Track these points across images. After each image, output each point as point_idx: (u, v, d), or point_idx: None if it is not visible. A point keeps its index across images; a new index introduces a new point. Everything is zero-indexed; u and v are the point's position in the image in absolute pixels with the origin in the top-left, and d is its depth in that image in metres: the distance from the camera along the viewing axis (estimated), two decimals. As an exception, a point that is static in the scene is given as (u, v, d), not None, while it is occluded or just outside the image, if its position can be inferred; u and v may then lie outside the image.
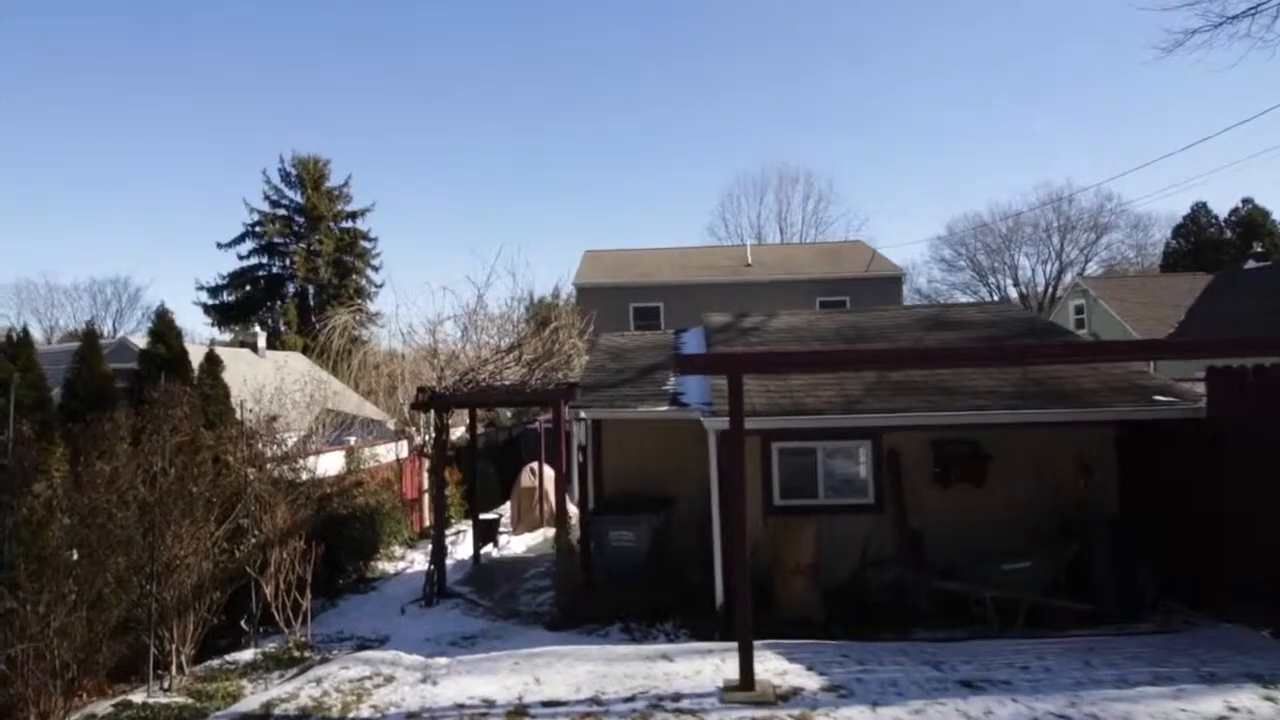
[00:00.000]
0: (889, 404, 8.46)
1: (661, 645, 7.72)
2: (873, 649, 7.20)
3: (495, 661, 7.19)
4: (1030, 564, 8.01)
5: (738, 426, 5.40)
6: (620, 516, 9.56)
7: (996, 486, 9.12)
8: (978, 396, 8.56)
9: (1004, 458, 9.17)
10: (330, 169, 43.20)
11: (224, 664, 7.48)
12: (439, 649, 8.25)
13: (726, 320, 12.06)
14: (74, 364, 8.36)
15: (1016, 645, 7.20)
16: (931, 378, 9.12)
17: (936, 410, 8.25)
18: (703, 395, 9.27)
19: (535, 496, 15.99)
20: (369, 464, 14.40)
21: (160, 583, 6.58)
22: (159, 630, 6.64)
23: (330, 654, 7.85)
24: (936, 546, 9.04)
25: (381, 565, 12.99)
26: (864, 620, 8.44)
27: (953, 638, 7.77)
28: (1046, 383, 8.76)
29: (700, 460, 10.25)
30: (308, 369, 21.24)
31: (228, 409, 10.01)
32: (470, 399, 11.48)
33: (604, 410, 9.15)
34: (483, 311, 12.35)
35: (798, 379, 8.97)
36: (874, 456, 9.36)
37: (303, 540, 8.15)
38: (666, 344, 11.92)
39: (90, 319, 8.97)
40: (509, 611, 10.04)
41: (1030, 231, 50.80)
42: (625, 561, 9.46)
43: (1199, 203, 47.24)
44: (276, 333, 38.05)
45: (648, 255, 31.49)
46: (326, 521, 11.20)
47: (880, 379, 9.07)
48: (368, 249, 43.96)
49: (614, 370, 10.75)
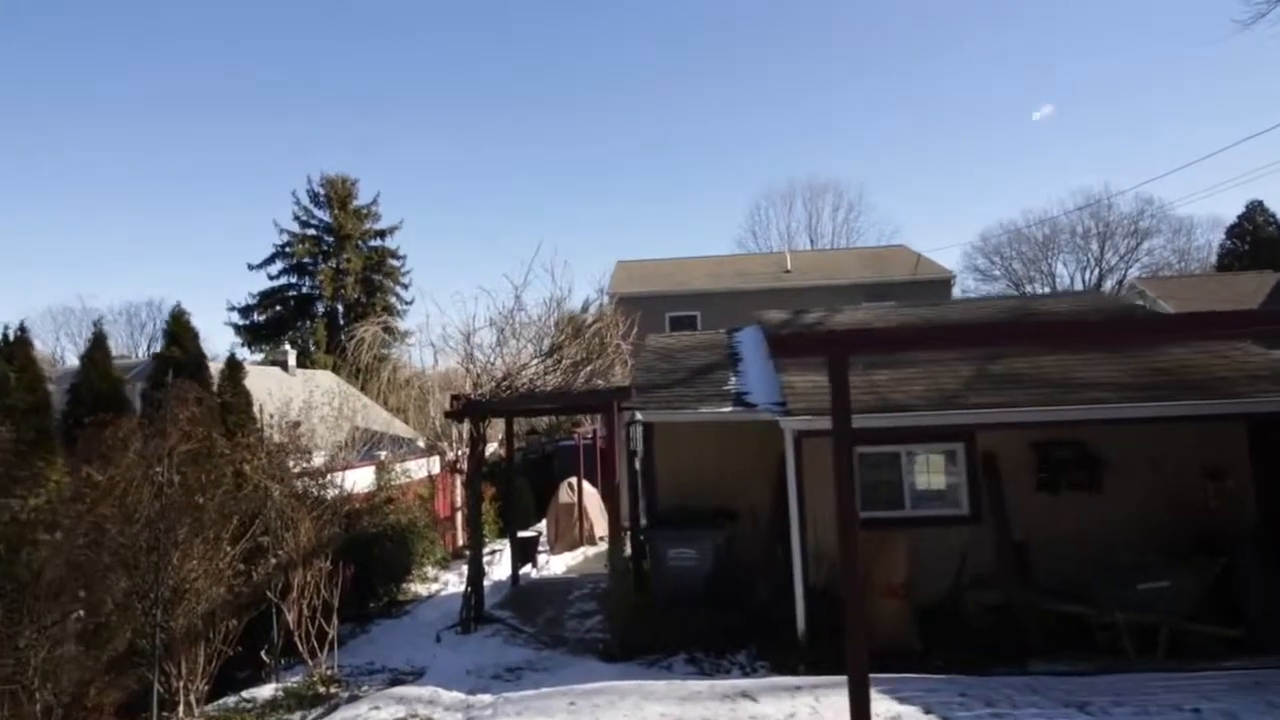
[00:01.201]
0: (991, 399, 7.37)
1: (738, 680, 6.66)
2: (994, 685, 6.08)
3: (547, 700, 6.20)
4: (1169, 583, 6.83)
5: (843, 424, 4.40)
6: (679, 532, 8.54)
7: (1113, 494, 7.95)
8: (1092, 389, 7.44)
9: (1120, 460, 8.00)
10: (358, 188, 43.13)
11: (240, 702, 6.58)
12: (481, 683, 7.28)
13: (784, 317, 11.07)
14: (81, 367, 7.62)
15: (1167, 681, 6.03)
16: (1035, 370, 8.02)
17: (1049, 405, 7.13)
18: (771, 394, 8.27)
19: (574, 514, 15.03)
20: (400, 480, 13.57)
21: (167, 610, 5.71)
22: (165, 665, 5.76)
23: (360, 690, 6.91)
24: (1044, 563, 7.88)
25: (414, 587, 12.12)
26: (965, 648, 7.32)
27: (1081, 670, 6.61)
28: (1175, 372, 7.61)
29: (764, 468, 9.26)
30: (335, 384, 20.61)
31: (249, 419, 9.23)
32: (509, 406, 10.58)
33: (660, 413, 8.19)
34: (520, 314, 11.45)
35: (881, 372, 7.93)
36: (968, 460, 8.25)
37: (328, 560, 7.26)
38: (720, 344, 10.94)
39: (98, 324, 8.35)
40: (555, 639, 9.04)
41: (1068, 239, 49.18)
42: (685, 583, 8.42)
43: (1254, 201, 45.09)
44: (306, 352, 37.77)
45: (681, 264, 30.58)
46: (355, 541, 10.38)
47: (977, 371, 8.00)
48: (396, 267, 43.67)
49: (665, 371, 9.78)
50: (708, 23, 76.79)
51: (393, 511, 12.08)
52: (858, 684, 4.71)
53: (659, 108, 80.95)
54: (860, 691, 4.69)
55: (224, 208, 78.26)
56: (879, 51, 75.48)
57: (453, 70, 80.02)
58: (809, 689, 6.13)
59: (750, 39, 76.75)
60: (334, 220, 41.98)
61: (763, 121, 78.98)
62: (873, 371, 8.05)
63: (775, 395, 8.19)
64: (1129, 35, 65.72)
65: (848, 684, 4.78)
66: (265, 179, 79.14)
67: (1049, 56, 70.39)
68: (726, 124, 79.37)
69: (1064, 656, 7.13)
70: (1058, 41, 69.21)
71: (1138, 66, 66.81)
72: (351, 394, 17.99)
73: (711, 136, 79.17)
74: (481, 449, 10.62)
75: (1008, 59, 71.57)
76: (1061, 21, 67.28)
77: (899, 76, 74.65)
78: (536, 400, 10.23)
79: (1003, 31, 69.79)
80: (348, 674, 7.55)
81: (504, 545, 13.77)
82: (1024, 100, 73.66)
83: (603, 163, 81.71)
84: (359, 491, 12.11)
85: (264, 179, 78.67)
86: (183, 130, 73.42)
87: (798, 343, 4.64)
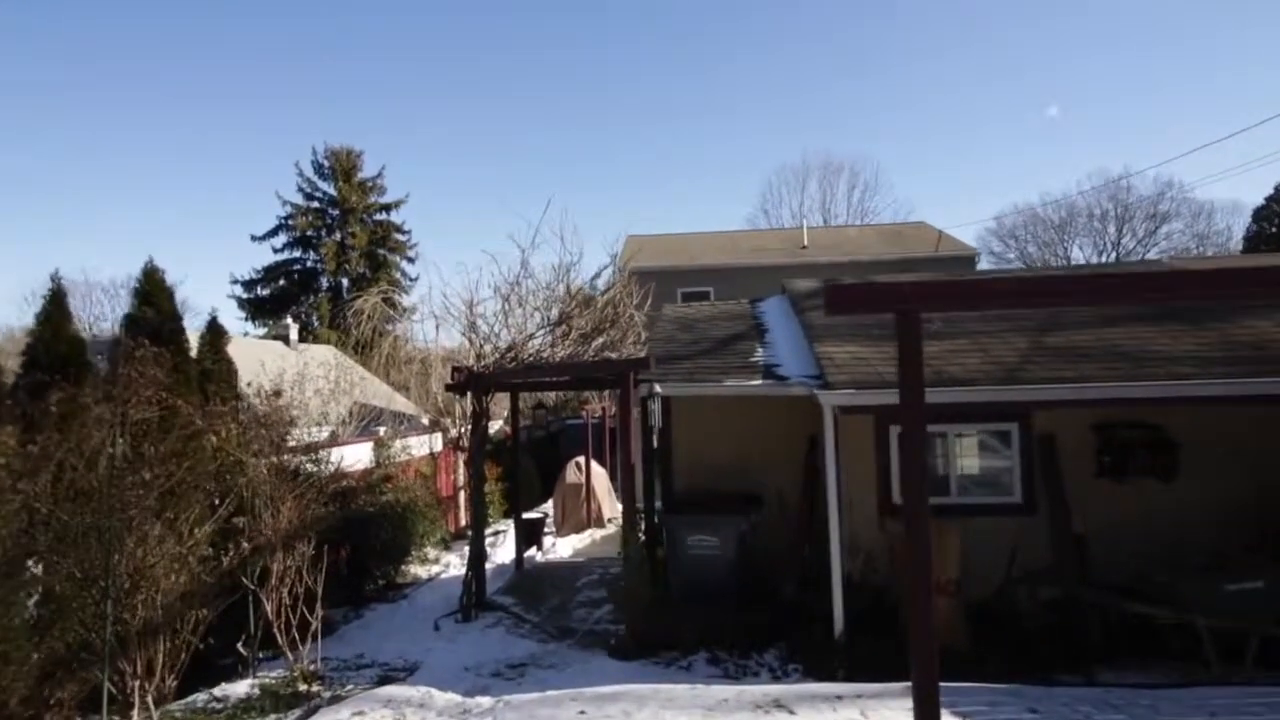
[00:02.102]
0: (1056, 372, 6.52)
1: (768, 686, 5.90)
2: (1064, 698, 5.31)
3: (555, 707, 5.46)
4: (1263, 584, 6.01)
5: (915, 395, 3.56)
6: (700, 517, 7.77)
7: (1188, 482, 7.11)
8: (1168, 363, 6.58)
9: (1196, 445, 7.16)
10: (363, 160, 42.13)
11: (210, 701, 5.88)
12: (480, 682, 6.56)
13: (814, 286, 10.21)
14: (37, 327, 6.84)
15: (1268, 697, 5.24)
16: (1098, 342, 7.17)
17: (1128, 380, 6.28)
18: (805, 366, 7.45)
19: (582, 494, 14.32)
20: (400, 458, 12.86)
21: (120, 600, 4.98)
22: (118, 662, 5.04)
23: (344, 689, 6.20)
24: (1104, 557, 7.09)
25: (413, 569, 11.46)
26: (1020, 650, 6.54)
27: (1158, 683, 5.83)
28: (1261, 345, 6.75)
29: (792, 449, 8.47)
30: (331, 356, 19.87)
31: (232, 388, 8.47)
32: (514, 378, 9.79)
33: (682, 385, 7.39)
34: (526, 281, 10.62)
35: (930, 343, 7.07)
36: (1022, 443, 7.42)
37: (311, 545, 6.52)
38: (742, 314, 10.11)
39: (55, 278, 7.54)
40: (561, 630, 8.33)
41: (1085, 221, 47.80)
42: (705, 573, 7.67)
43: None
44: (310, 327, 37.06)
45: (693, 239, 29.62)
46: (351, 521, 9.70)
47: (1034, 343, 7.15)
48: (402, 241, 42.79)
49: (686, 342, 8.96)
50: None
51: (391, 490, 11.40)
52: (925, 700, 3.91)
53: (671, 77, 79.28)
54: (929, 710, 3.90)
55: (228, 175, 76.85)
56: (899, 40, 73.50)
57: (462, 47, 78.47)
58: (852, 699, 5.38)
59: (793, 22, 74.74)
60: (338, 193, 41.09)
61: (782, 100, 77.25)
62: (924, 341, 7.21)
63: (809, 368, 7.37)
64: (1155, 23, 63.61)
65: (913, 697, 3.99)
66: (272, 148, 77.83)
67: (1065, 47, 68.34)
68: (745, 98, 77.59)
69: (1132, 663, 6.37)
70: (1077, 26, 67.12)
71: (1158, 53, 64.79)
72: (349, 366, 17.25)
73: (729, 110, 77.45)
74: (485, 425, 9.85)
75: (1025, 48, 69.49)
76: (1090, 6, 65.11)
77: (928, 59, 72.63)
78: (544, 372, 9.43)
79: (1026, 14, 67.68)
80: (333, 668, 6.84)
81: (508, 526, 13.09)
82: (1041, 86, 71.66)
83: (611, 133, 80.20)
84: (355, 469, 11.43)
85: (271, 148, 77.35)
86: (184, 97, 72.20)
87: (861, 294, 3.80)
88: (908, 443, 3.91)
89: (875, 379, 6.49)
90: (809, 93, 75.83)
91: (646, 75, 78.38)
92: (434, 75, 77.25)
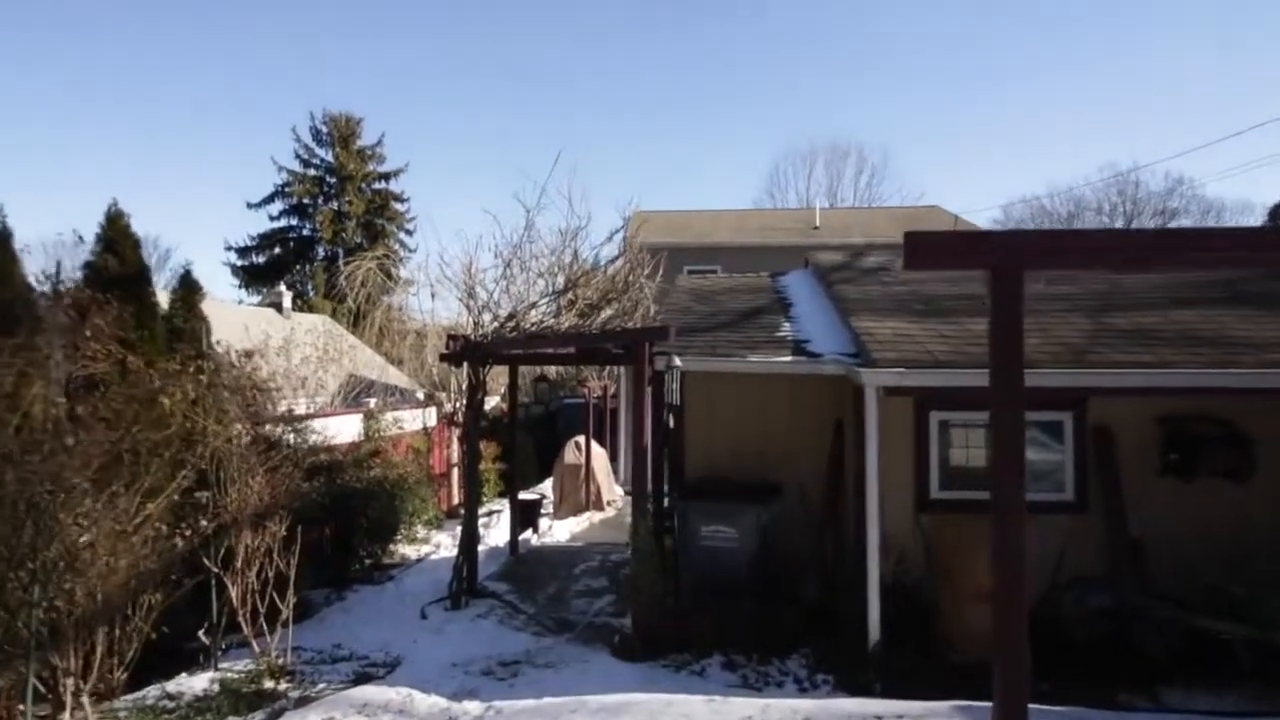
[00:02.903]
0: (1134, 357, 5.79)
1: (796, 701, 5.21)
2: (1137, 727, 4.64)
3: (552, 718, 4.77)
4: (1357, 601, 5.33)
5: (1012, 370, 2.82)
6: (716, 506, 7.06)
7: (1266, 485, 6.40)
8: (1260, 349, 5.84)
9: (1271, 442, 6.45)
10: (362, 127, 41.03)
11: (162, 698, 5.17)
12: (469, 682, 5.87)
13: (841, 259, 9.48)
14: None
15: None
16: (1168, 324, 6.44)
17: (1212, 367, 5.55)
18: (838, 342, 6.71)
19: (581, 476, 13.63)
20: (390, 431, 12.15)
21: (48, 586, 4.25)
22: (48, 655, 4.33)
23: (314, 688, 5.49)
24: (1164, 564, 6.40)
25: (402, 549, 10.82)
26: (1071, 666, 5.88)
27: (1231, 710, 5.17)
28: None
29: (817, 435, 7.75)
30: (320, 323, 19.07)
31: (205, 349, 7.71)
32: (515, 348, 9.04)
33: (703, 360, 6.65)
34: (530, 245, 9.82)
35: (980, 321, 6.34)
36: (1075, 434, 6.70)
37: (284, 524, 5.80)
38: (763, 287, 9.36)
39: (1, 213, 6.95)
40: (559, 622, 7.66)
41: (1093, 215, 46.90)
42: (721, 567, 6.97)
43: (1303, 179, 42.79)
44: (305, 296, 36.19)
45: (701, 216, 28.72)
46: (335, 497, 9.02)
47: (1099, 325, 6.41)
48: (400, 211, 41.80)
49: (704, 314, 8.20)
50: None
51: (380, 465, 10.70)
52: None
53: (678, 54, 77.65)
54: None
55: (224, 139, 75.20)
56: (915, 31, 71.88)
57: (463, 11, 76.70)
58: (892, 719, 4.70)
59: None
60: (336, 160, 40.06)
61: (791, 79, 75.73)
62: (962, 320, 6.47)
63: (843, 344, 6.63)
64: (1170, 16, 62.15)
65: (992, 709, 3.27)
66: (269, 113, 76.09)
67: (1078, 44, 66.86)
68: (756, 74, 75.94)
69: (1198, 682, 5.70)
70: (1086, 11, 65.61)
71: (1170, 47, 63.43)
72: (339, 334, 16.48)
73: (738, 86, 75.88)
74: (481, 399, 9.11)
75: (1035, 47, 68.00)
76: None
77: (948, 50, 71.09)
78: (548, 342, 8.67)
79: None
80: (306, 660, 6.14)
81: (503, 507, 12.41)
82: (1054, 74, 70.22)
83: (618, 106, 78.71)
84: (342, 442, 10.72)
85: (268, 113, 75.63)
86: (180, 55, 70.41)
87: (952, 244, 3.05)
88: (1004, 429, 3.16)
89: (927, 358, 5.76)
90: (814, 81, 74.40)
91: (659, 48, 76.77)
92: (441, 45, 75.56)
